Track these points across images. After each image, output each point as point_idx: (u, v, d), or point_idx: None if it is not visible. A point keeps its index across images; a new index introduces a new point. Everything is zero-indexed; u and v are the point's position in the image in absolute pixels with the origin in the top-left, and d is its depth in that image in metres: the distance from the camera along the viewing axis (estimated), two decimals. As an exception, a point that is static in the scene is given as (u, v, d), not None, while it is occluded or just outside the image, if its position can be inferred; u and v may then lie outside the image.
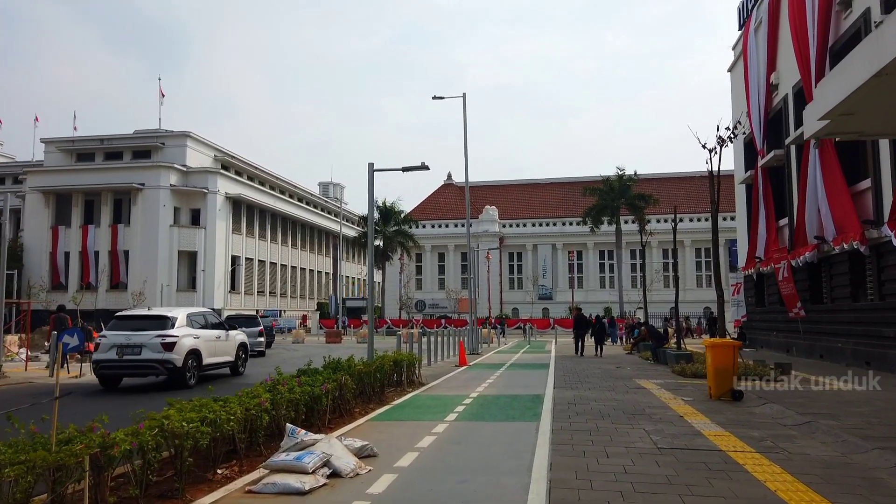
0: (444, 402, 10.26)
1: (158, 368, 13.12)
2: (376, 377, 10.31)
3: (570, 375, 15.06)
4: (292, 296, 74.34)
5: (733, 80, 31.56)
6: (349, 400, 8.97)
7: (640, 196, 51.65)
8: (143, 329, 13.37)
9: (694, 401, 10.37)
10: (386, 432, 7.70)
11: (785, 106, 23.83)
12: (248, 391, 6.79)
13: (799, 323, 22.19)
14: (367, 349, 13.62)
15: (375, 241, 58.90)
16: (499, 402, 10.21)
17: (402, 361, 11.84)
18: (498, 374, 15.54)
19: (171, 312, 14.41)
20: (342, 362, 9.48)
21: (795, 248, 21.93)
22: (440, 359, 20.49)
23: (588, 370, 16.66)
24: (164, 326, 13.55)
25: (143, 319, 14.10)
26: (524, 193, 72.75)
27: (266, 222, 68.83)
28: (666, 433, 7.55)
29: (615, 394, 11.35)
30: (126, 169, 59.00)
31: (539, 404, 9.94)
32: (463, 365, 18.03)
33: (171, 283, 57.37)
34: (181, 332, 13.64)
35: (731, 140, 16.01)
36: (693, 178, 68.77)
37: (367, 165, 12.18)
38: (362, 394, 9.96)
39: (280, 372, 7.82)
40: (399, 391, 11.45)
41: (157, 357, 13.01)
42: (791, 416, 8.71)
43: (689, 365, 15.37)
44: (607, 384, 12.99)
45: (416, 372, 12.93)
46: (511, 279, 67.91)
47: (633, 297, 56.49)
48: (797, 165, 22.63)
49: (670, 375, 15.02)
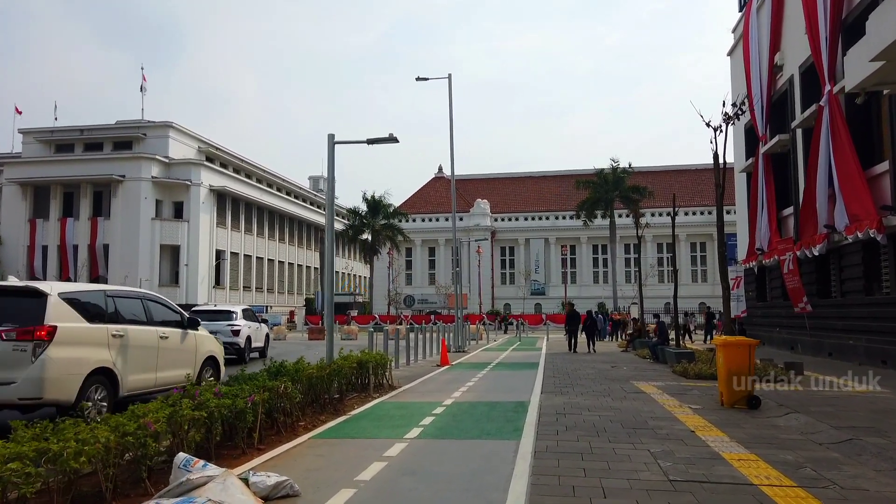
0: (411, 411, 8.73)
1: (228, 349, 14.55)
2: (332, 383, 8.76)
3: (561, 376, 13.55)
4: (280, 291, 72.62)
5: (733, 65, 30.09)
6: (292, 412, 7.42)
7: (634, 188, 50.23)
8: (215, 320, 16.74)
9: (703, 409, 8.87)
10: (326, 456, 6.15)
11: (790, 87, 22.36)
12: (142, 407, 5.24)
13: (805, 318, 20.75)
14: (358, 346, 12.28)
15: (364, 234, 57.23)
16: (475, 412, 8.68)
17: (368, 363, 10.29)
18: (481, 375, 14.01)
19: (233, 308, 18.99)
20: (287, 365, 7.92)
21: (802, 238, 20.49)
22: (422, 357, 18.98)
23: (580, 370, 15.17)
24: (230, 318, 17.99)
25: (214, 313, 18.26)
26: (516, 187, 71.19)
27: (252, 216, 67.02)
28: (677, 457, 6.03)
29: (611, 400, 9.84)
30: (106, 160, 57.10)
31: (522, 415, 8.41)
32: (444, 365, 16.50)
33: (153, 278, 55.58)
34: (241, 322, 18.21)
35: (737, 117, 14.54)
36: (688, 172, 67.41)
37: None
38: (315, 402, 8.42)
39: (241, 374, 6.33)
40: (363, 397, 9.91)
41: (228, 340, 16.16)
42: (825, 430, 7.21)
43: (691, 365, 13.89)
44: (602, 387, 11.48)
45: (387, 374, 11.39)
46: (503, 274, 66.37)
47: (628, 292, 55.07)
48: (804, 150, 21.18)
49: (671, 377, 13.54)
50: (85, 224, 56.41)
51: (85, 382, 7.41)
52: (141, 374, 8.46)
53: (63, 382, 7.19)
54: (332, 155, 10.21)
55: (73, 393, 7.26)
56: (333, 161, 10.24)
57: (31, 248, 56.69)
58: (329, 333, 10.83)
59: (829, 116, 17.54)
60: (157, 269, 56.17)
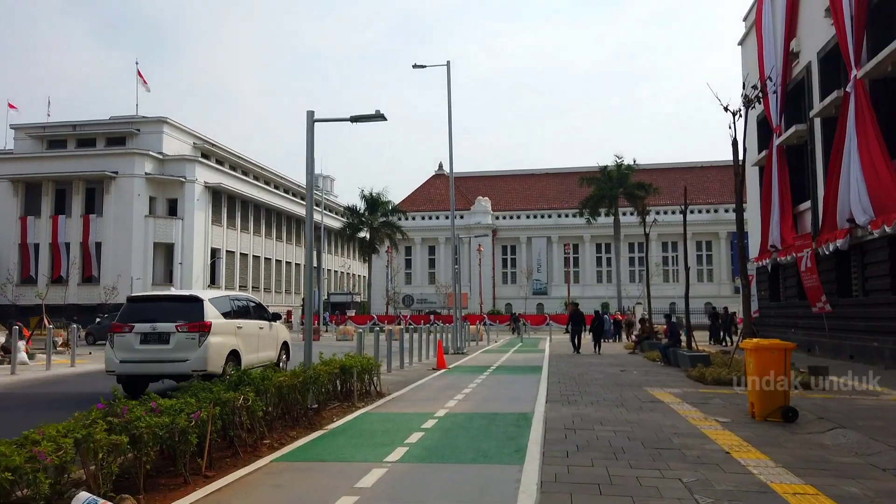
0: (397, 425, 7.59)
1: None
2: (307, 392, 7.62)
3: (568, 382, 12.40)
4: (277, 290, 71.44)
5: (744, 55, 28.91)
6: (255, 428, 6.28)
7: (639, 185, 49.03)
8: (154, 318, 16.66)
9: (733, 423, 7.72)
10: (286, 487, 5.02)
11: (808, 75, 21.20)
12: (51, 427, 4.11)
13: (824, 319, 19.59)
14: (355, 347, 11.30)
15: (361, 232, 56.05)
16: (470, 427, 7.52)
17: (352, 368, 9.14)
18: (480, 379, 12.86)
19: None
20: (253, 373, 6.79)
21: (821, 234, 19.35)
22: (418, 360, 17.88)
23: (588, 374, 14.02)
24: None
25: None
26: (518, 184, 69.97)
27: (249, 213, 65.88)
28: (717, 489, 4.89)
29: (626, 411, 8.69)
30: (98, 156, 55.97)
31: (525, 430, 7.26)
32: (441, 368, 15.34)
33: (146, 277, 54.48)
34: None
35: (758, 100, 13.37)
36: (694, 169, 66.18)
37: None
38: (287, 415, 7.29)
39: (194, 385, 5.24)
40: (345, 408, 8.77)
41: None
42: (884, 451, 6.08)
43: (708, 369, 12.73)
44: (614, 395, 10.33)
45: (375, 380, 10.24)
46: (504, 273, 65.15)
47: (632, 291, 53.90)
48: (823, 141, 20.04)
49: (687, 382, 12.40)
50: (77, 221, 55.26)
51: (226, 359, 10.69)
52: (251, 354, 11.68)
53: (216, 359, 10.52)
54: (311, 133, 9.07)
55: (221, 366, 10.47)
56: (313, 140, 9.10)
57: (22, 246, 55.54)
58: (308, 334, 9.66)
59: (856, 103, 16.38)
60: (150, 268, 55.05)
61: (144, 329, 10.48)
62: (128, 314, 11.03)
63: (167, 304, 11.42)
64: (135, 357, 10.49)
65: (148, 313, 10.92)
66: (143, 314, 10.90)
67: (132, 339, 10.51)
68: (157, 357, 10.38)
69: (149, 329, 10.52)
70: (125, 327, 10.66)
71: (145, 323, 10.59)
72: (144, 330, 10.46)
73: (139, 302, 11.63)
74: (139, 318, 10.75)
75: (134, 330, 10.52)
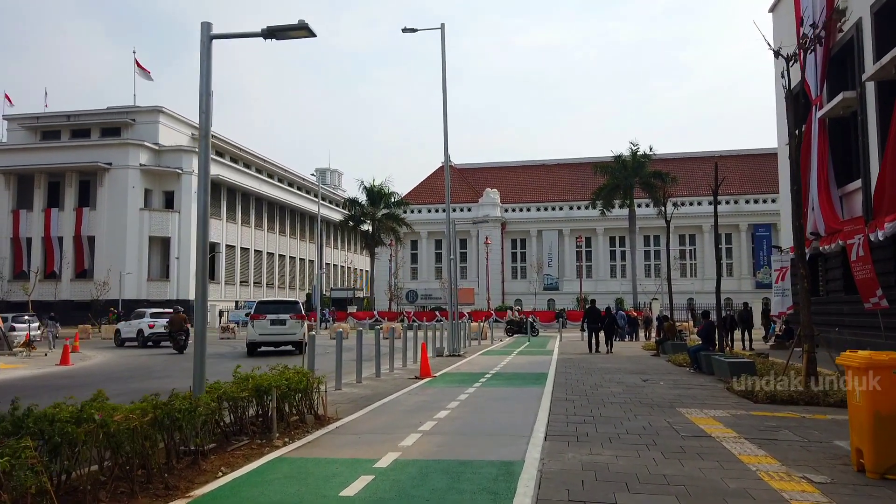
0: (310, 486, 4.96)
1: None
2: (157, 438, 4.95)
3: (577, 398, 9.70)
4: (280, 286, 69.11)
5: (776, 22, 25.97)
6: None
7: (656, 174, 46.09)
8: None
9: (835, 484, 5.00)
10: None
11: (857, 35, 18.28)
12: None
13: (879, 316, 16.66)
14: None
15: (364, 225, 53.41)
16: (419, 495, 4.80)
17: (271, 389, 6.49)
18: (465, 395, 10.16)
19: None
20: (46, 412, 4.15)
21: (877, 217, 16.46)
22: (403, 364, 15.26)
23: (602, 386, 11.31)
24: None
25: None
26: (528, 175, 67.00)
27: (250, 207, 63.49)
28: None
29: (663, 457, 5.95)
30: (92, 147, 53.84)
31: (507, 500, 4.57)
32: (425, 376, 12.68)
33: (142, 272, 52.33)
34: None
35: (819, 42, 10.60)
36: (711, 158, 62.78)
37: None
38: (142, 469, 4.65)
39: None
40: (257, 447, 6.14)
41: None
42: None
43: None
44: (639, 424, 7.62)
45: (318, 401, 7.61)
46: (514, 268, 62.29)
47: (648, 286, 50.93)
48: (878, 109, 17.14)
49: (731, 399, 9.68)
50: (70, 215, 53.20)
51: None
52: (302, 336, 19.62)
53: (305, 336, 16.87)
54: (207, 53, 6.40)
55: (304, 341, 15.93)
56: (209, 62, 6.40)
57: (15, 240, 53.55)
58: (199, 343, 6.61)
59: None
60: (145, 263, 52.86)
61: (272, 317, 19.87)
62: (261, 309, 20.68)
63: (280, 304, 21.60)
64: (267, 332, 19.95)
65: (272, 308, 20.67)
66: (269, 309, 20.61)
67: (266, 323, 19.81)
68: (281, 332, 19.85)
69: (275, 317, 19.95)
70: (261, 317, 19.97)
71: (272, 314, 20.06)
72: (272, 318, 19.87)
73: (266, 303, 22.22)
74: (267, 311, 20.27)
75: (267, 318, 19.89)
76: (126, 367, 17.86)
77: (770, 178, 60.52)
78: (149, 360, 19.66)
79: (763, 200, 58.63)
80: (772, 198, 58.08)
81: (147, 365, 18.20)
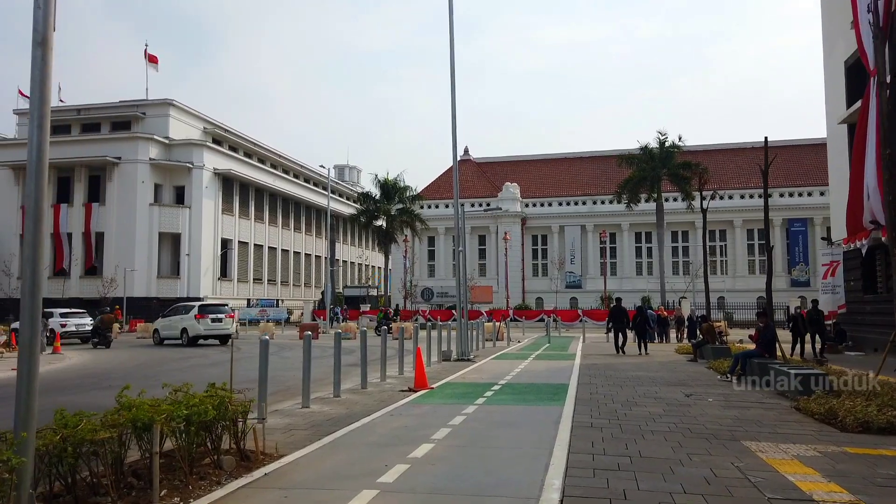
0: None
1: None
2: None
3: (607, 427, 7.51)
4: (295, 283, 67.54)
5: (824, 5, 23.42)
6: None
7: (685, 164, 43.43)
8: None
9: None
10: None
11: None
12: None
13: (957, 318, 14.20)
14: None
15: (378, 221, 51.48)
16: None
17: (153, 424, 4.44)
18: (462, 418, 7.96)
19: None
20: None
21: (957, 201, 13.98)
22: (399, 372, 13.25)
23: (638, 405, 9.14)
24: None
25: None
26: (550, 169, 64.55)
27: (263, 202, 61.93)
28: None
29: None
30: (101, 141, 52.68)
31: None
32: (420, 388, 10.60)
33: (151, 269, 50.95)
34: None
35: None
36: (743, 150, 59.87)
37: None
38: None
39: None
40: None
41: None
42: None
43: (846, 403, 7.71)
44: (699, 473, 5.39)
45: (248, 435, 5.55)
46: (534, 265, 59.95)
47: (677, 284, 48.28)
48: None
49: (807, 424, 7.51)
50: (79, 210, 52.08)
51: None
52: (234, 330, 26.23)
53: (236, 332, 28.21)
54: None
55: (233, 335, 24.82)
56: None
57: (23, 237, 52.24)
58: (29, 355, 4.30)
59: None
60: (155, 259, 51.50)
61: (212, 316, 24.63)
62: (203, 310, 24.94)
63: (216, 307, 26.03)
64: (209, 327, 24.47)
65: (212, 310, 25.28)
66: (209, 310, 25.04)
67: (208, 321, 24.51)
68: (219, 327, 24.45)
69: (214, 316, 24.78)
70: (204, 316, 24.59)
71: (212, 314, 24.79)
72: (213, 316, 24.66)
73: (205, 306, 25.95)
74: (208, 312, 24.82)
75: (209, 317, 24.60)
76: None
77: (805, 170, 57.33)
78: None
79: (798, 194, 55.57)
80: (807, 191, 54.98)
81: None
